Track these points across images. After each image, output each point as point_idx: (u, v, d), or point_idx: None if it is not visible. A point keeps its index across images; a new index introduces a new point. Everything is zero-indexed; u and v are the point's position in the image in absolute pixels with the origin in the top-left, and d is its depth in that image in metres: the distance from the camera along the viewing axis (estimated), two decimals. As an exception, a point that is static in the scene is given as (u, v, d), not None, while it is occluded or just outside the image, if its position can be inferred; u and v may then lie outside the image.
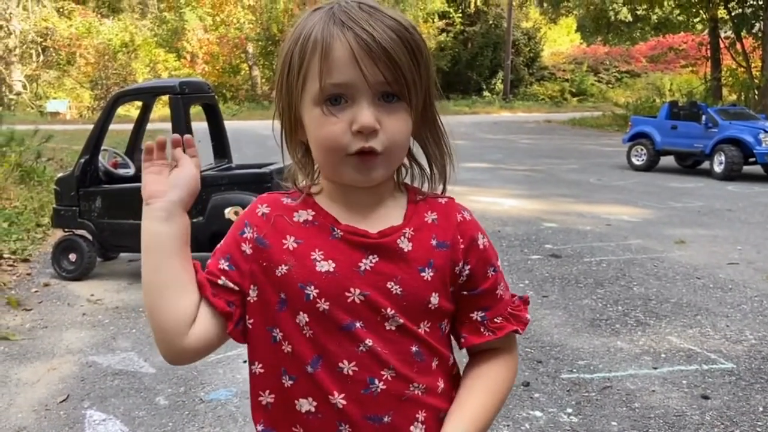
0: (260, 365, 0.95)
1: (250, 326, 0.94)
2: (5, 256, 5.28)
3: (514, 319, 0.98)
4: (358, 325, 0.90)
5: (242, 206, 4.53)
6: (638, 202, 8.00)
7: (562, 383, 3.15)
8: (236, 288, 0.92)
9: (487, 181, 9.77)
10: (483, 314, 0.96)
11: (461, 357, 1.00)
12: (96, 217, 4.83)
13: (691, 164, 11.14)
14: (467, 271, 0.95)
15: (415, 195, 0.97)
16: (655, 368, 3.32)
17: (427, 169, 0.98)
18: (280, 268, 0.91)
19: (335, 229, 0.92)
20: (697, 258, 5.36)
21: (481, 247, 0.97)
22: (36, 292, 4.61)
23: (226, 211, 4.56)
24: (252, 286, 0.92)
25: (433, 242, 0.93)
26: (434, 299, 0.92)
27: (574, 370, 3.29)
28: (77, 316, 4.13)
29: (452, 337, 0.99)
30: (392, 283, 0.90)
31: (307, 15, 0.90)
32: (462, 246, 0.95)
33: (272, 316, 0.92)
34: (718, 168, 10.05)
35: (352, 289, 0.89)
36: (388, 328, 0.90)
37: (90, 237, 4.89)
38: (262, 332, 0.93)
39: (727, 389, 3.09)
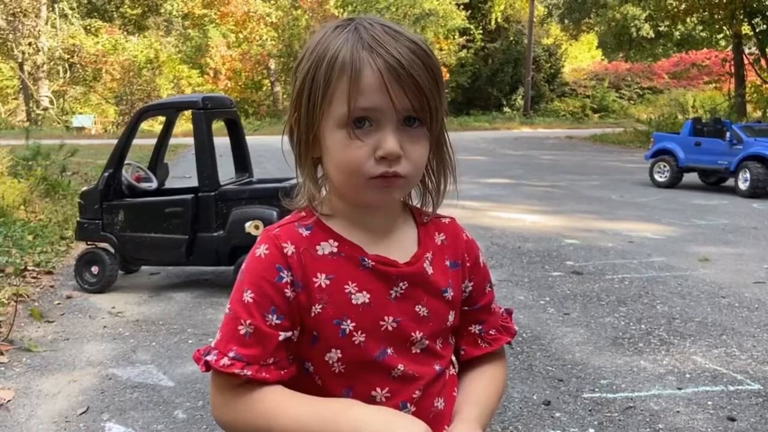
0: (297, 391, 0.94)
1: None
2: (29, 268, 5.35)
3: (505, 331, 1.05)
4: (389, 351, 0.91)
5: (262, 220, 4.56)
6: (661, 219, 7.90)
7: (584, 402, 3.10)
8: (292, 335, 0.89)
9: (507, 196, 9.73)
10: (480, 327, 1.02)
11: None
12: (118, 230, 4.88)
13: (715, 181, 10.98)
14: (470, 288, 1.01)
15: (421, 216, 1.00)
16: (680, 389, 3.25)
17: (431, 188, 0.99)
18: (314, 308, 0.89)
19: (365, 259, 0.91)
20: (722, 276, 5.26)
21: (482, 265, 1.03)
22: (59, 304, 4.66)
23: (247, 225, 4.59)
24: (296, 330, 0.90)
25: (447, 263, 0.98)
26: (451, 317, 0.97)
27: (597, 390, 3.24)
28: (98, 329, 4.16)
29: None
30: (420, 306, 0.93)
31: (328, 33, 0.89)
32: (468, 264, 1.00)
33: (305, 351, 0.91)
34: (743, 185, 9.89)
35: (386, 318, 0.91)
36: (414, 351, 0.93)
37: (112, 250, 4.94)
38: (297, 363, 0.92)
39: (754, 411, 3.01)
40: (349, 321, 0.89)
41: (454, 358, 1.03)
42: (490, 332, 1.02)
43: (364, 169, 0.86)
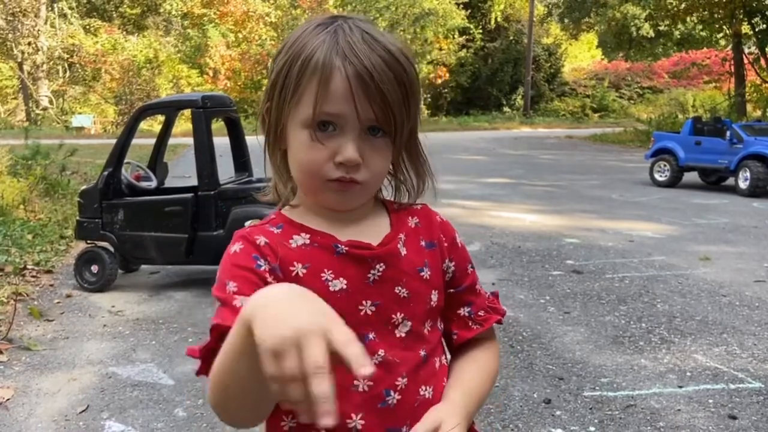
0: None
1: None
2: (29, 267, 5.34)
3: (494, 311, 1.04)
4: (371, 336, 0.90)
5: (261, 219, 4.54)
6: (662, 218, 7.90)
7: (585, 401, 3.09)
8: None
9: (507, 196, 9.72)
10: (469, 309, 1.02)
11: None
12: (118, 229, 4.87)
13: (715, 180, 10.98)
14: (452, 269, 1.00)
15: (392, 204, 1.00)
16: (681, 387, 3.24)
17: (406, 188, 1.00)
18: None
19: (338, 245, 0.91)
20: (722, 275, 5.26)
21: (460, 245, 1.03)
22: (58, 303, 4.65)
23: (247, 224, 4.56)
24: None
25: (423, 243, 0.98)
26: (434, 296, 0.96)
27: (597, 388, 3.23)
28: (98, 327, 4.15)
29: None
30: (399, 288, 0.93)
31: (309, 30, 0.89)
32: (446, 244, 1.00)
33: None
34: (743, 184, 9.89)
35: (364, 302, 0.90)
36: (398, 335, 0.92)
37: (112, 249, 4.94)
38: None
39: (755, 409, 3.01)
40: None
41: (446, 347, 1.03)
42: (479, 313, 1.02)
43: (322, 171, 0.87)
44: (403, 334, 0.92)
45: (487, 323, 1.02)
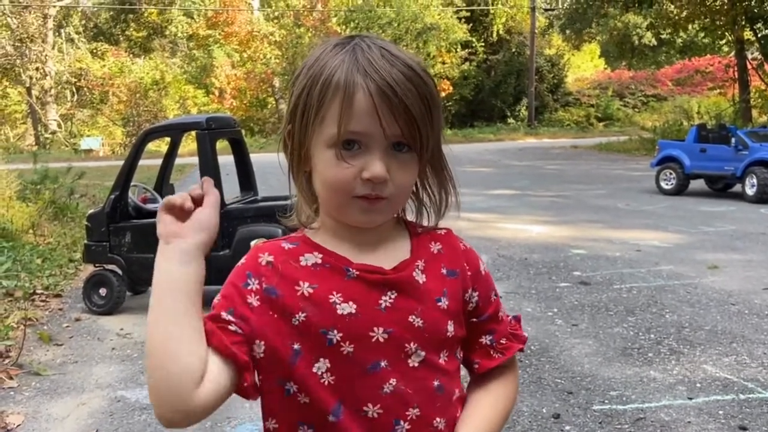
0: (274, 421, 0.93)
1: (259, 382, 0.91)
2: (38, 291, 5.38)
3: (515, 338, 1.02)
4: (382, 364, 0.89)
5: (268, 238, 4.56)
6: (668, 226, 7.87)
7: (594, 415, 3.07)
8: (245, 338, 0.88)
9: (513, 207, 9.71)
10: (491, 338, 1.00)
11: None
12: (125, 252, 4.91)
13: (721, 187, 10.94)
14: (476, 298, 0.98)
15: (416, 228, 0.99)
16: (691, 398, 3.22)
17: (429, 205, 0.99)
18: (297, 316, 0.88)
19: (349, 269, 0.91)
20: (731, 283, 5.23)
21: (484, 273, 1.01)
22: (67, 326, 4.67)
23: (252, 243, 4.58)
24: (258, 342, 0.88)
25: (444, 271, 0.96)
26: (451, 327, 0.94)
27: (606, 401, 3.21)
28: (107, 351, 4.17)
29: (463, 365, 1.01)
30: (414, 317, 0.91)
31: (327, 51, 0.89)
32: (469, 273, 0.98)
33: (285, 370, 0.89)
34: (750, 191, 9.85)
35: (375, 329, 0.89)
36: (411, 364, 0.91)
37: (120, 271, 4.96)
38: (274, 386, 0.90)
39: (765, 419, 2.98)
40: (335, 331, 0.88)
41: (468, 374, 1.00)
42: (501, 341, 0.99)
43: (348, 187, 0.87)
44: (416, 364, 0.91)
45: (509, 351, 1.00)
